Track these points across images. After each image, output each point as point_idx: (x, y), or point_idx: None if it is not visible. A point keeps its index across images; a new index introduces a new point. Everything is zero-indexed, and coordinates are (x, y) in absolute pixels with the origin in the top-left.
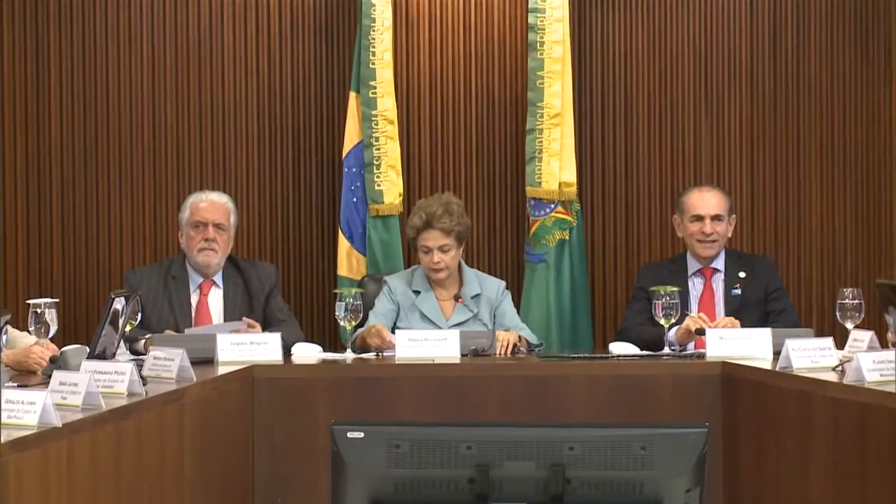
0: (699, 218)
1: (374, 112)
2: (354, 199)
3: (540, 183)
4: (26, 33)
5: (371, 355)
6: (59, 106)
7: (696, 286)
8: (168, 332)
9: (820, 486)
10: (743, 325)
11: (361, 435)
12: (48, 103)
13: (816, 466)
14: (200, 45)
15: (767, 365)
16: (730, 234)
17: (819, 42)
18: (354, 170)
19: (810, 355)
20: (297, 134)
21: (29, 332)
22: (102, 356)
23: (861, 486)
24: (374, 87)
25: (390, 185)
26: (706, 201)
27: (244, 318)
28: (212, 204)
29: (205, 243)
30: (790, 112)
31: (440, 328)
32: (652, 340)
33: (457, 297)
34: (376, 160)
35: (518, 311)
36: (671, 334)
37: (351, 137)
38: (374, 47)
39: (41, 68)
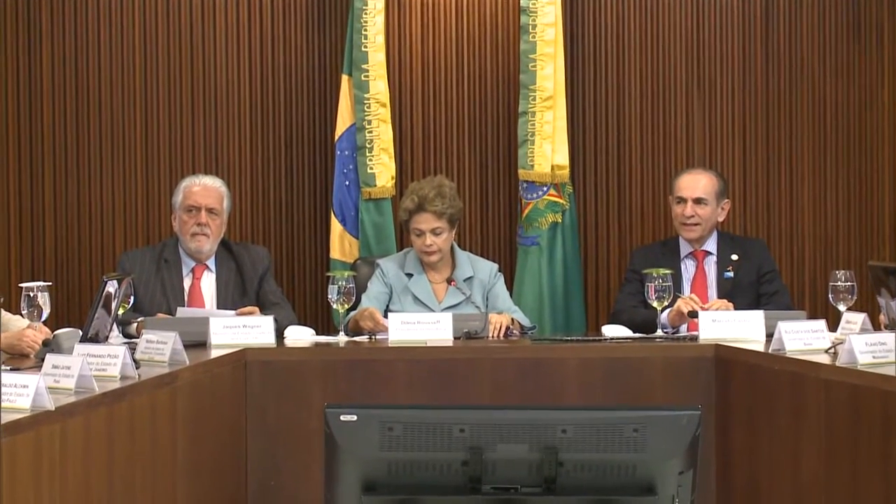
0: (682, 200)
1: (366, 95)
2: (347, 183)
3: (532, 166)
4: (18, 18)
5: (364, 338)
6: (52, 91)
7: (688, 269)
8: (160, 315)
9: (813, 468)
10: (735, 308)
11: (355, 418)
12: (40, 88)
13: (809, 448)
14: (193, 28)
15: (760, 347)
16: (720, 219)
17: (811, 24)
18: (347, 153)
19: (803, 337)
20: (289, 117)
21: (22, 315)
22: (95, 339)
23: (853, 468)
24: (367, 70)
25: (383, 168)
26: (690, 184)
27: (237, 311)
28: (205, 188)
29: (197, 228)
30: (782, 94)
31: (433, 311)
32: (644, 323)
33: (449, 280)
34: (369, 143)
35: (511, 294)
36: (664, 317)
37: (343, 120)
38: (366, 30)
39: (33, 53)
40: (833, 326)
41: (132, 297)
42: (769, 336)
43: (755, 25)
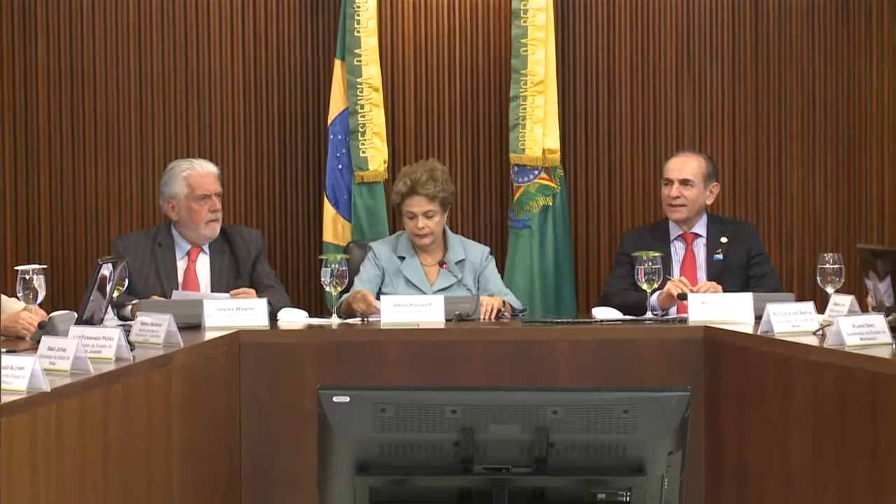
0: (669, 181)
1: (358, 80)
2: (340, 166)
3: (524, 150)
4: (13, 6)
5: (356, 320)
6: (46, 78)
7: (678, 251)
8: (155, 297)
9: (801, 448)
10: (724, 290)
11: (347, 399)
12: (35, 76)
13: (797, 429)
14: (186, 13)
15: (749, 329)
16: (709, 202)
17: (801, 9)
18: (340, 137)
19: (791, 319)
20: (282, 101)
21: (17, 298)
22: (90, 322)
23: (841, 448)
24: (359, 55)
25: (375, 152)
26: (677, 165)
27: (231, 293)
28: (210, 174)
29: (212, 214)
30: (771, 78)
31: (425, 293)
32: (634, 305)
33: (441, 263)
34: (361, 127)
35: (502, 277)
36: (653, 299)
37: (336, 105)
38: (358, 15)
39: (28, 41)
40: (821, 308)
41: (127, 280)
42: (758, 318)
43: (745, 10)
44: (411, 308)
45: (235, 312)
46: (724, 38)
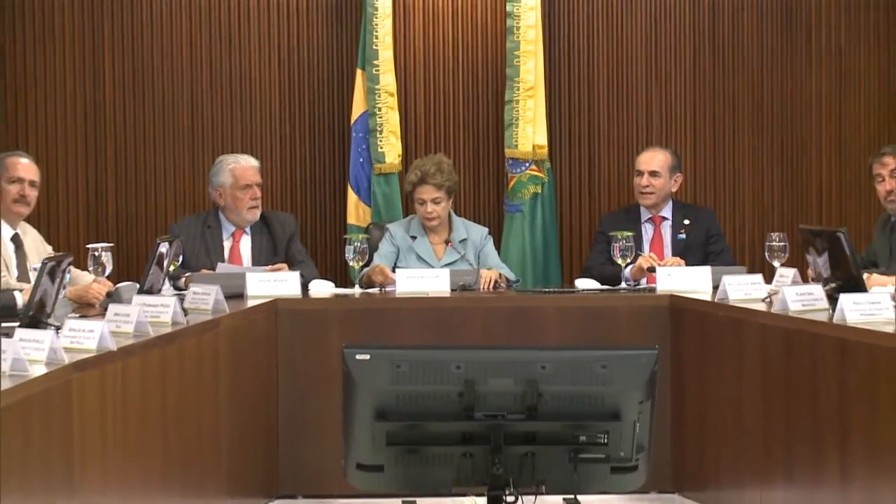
0: (640, 172)
1: (377, 86)
2: (361, 160)
3: (517, 145)
4: (84, 20)
5: (375, 290)
6: (112, 81)
7: (647, 231)
8: (204, 271)
9: (751, 397)
10: (687, 264)
11: (368, 357)
12: (103, 81)
13: (749, 381)
14: (231, 29)
15: (707, 297)
16: (674, 189)
17: (751, 23)
18: (361, 135)
19: (743, 289)
20: (312, 105)
21: (88, 271)
22: (150, 291)
23: (787, 398)
24: (377, 66)
25: (391, 148)
26: (647, 159)
27: (269, 267)
28: (252, 168)
29: (252, 202)
30: (726, 84)
31: (433, 267)
32: (611, 277)
33: (447, 242)
34: (379, 127)
35: (498, 253)
36: (627, 272)
37: (358, 108)
38: (376, 32)
39: (97, 50)
40: (769, 280)
41: (181, 257)
42: (715, 288)
43: (703, 25)
44: (422, 280)
45: (273, 283)
46: (685, 49)
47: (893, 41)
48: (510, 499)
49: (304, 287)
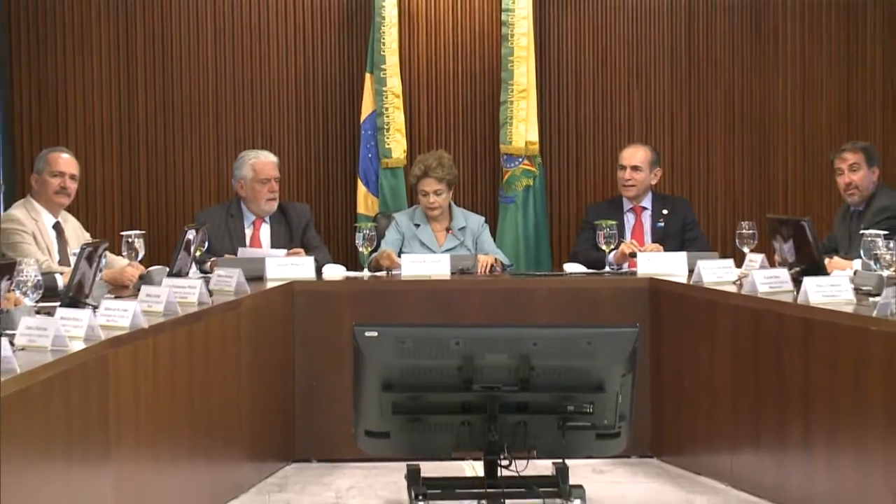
0: (623, 167)
1: (384, 88)
2: (370, 155)
3: (511, 142)
4: (119, 30)
5: (383, 273)
6: (144, 80)
7: (629, 220)
8: (228, 255)
9: (723, 372)
10: (665, 250)
11: (376, 334)
12: (136, 81)
13: (721, 356)
14: (252, 38)
15: (684, 280)
16: (653, 182)
17: (723, 28)
18: (369, 133)
19: (716, 272)
20: (326, 105)
21: (122, 256)
22: (179, 274)
23: (755, 372)
24: (384, 70)
25: (397, 144)
26: (629, 154)
27: (286, 252)
28: (271, 163)
29: (270, 194)
30: (701, 84)
31: (435, 253)
32: (596, 261)
33: (448, 229)
34: (386, 125)
35: (494, 240)
36: (611, 257)
37: (367, 108)
38: (384, 39)
39: (130, 51)
40: (739, 264)
41: (206, 243)
42: (691, 271)
43: (679, 31)
44: (425, 264)
45: (290, 267)
46: (664, 56)
47: (853, 49)
48: (504, 462)
49: (318, 271)
